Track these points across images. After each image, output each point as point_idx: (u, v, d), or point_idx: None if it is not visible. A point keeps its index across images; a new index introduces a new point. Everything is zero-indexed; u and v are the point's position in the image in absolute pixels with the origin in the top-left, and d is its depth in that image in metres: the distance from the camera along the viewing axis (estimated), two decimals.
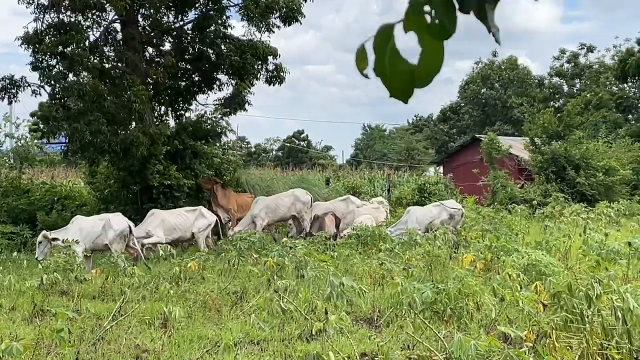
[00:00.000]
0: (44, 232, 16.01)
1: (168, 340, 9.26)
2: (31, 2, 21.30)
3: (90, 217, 17.14)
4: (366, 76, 2.03)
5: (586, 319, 7.42)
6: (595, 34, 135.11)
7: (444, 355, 7.37)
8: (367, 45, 2.01)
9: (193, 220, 17.89)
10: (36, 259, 15.07)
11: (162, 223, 17.40)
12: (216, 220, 18.68)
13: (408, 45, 2.04)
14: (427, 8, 1.98)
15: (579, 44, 74.62)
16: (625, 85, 55.67)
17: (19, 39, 20.82)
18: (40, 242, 15.44)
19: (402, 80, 2.02)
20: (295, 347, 8.72)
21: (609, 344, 7.27)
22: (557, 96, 71.74)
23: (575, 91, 70.06)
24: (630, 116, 53.05)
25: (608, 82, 63.82)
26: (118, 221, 16.80)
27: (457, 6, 2.01)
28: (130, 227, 16.76)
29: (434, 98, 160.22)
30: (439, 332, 8.47)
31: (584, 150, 34.86)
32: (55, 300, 11.92)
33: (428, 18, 1.98)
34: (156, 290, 12.51)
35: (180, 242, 18.63)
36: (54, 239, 15.41)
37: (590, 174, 34.02)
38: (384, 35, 2.00)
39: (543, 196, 31.25)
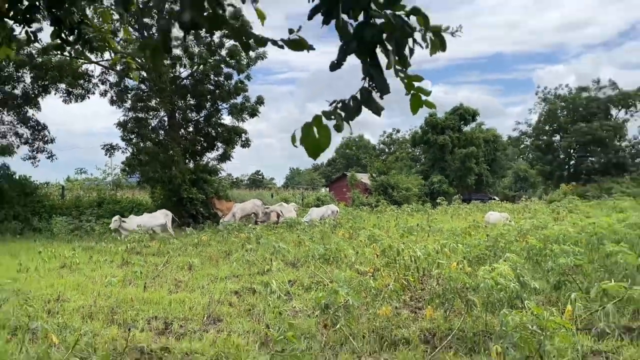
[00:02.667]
0: (116, 216, 15.43)
1: (192, 276, 9.06)
2: (120, 106, 21.01)
3: (146, 214, 16.63)
4: (296, 146, 2.16)
5: (397, 262, 7.58)
6: (401, 122, 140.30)
7: (329, 281, 7.41)
8: (296, 132, 2.15)
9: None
10: (119, 237, 14.38)
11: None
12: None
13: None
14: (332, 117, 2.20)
15: (392, 128, 76.93)
16: (415, 148, 56.69)
17: (115, 124, 20.59)
18: (115, 229, 14.93)
19: (315, 147, 2.16)
20: (255, 278, 8.62)
21: (408, 274, 7.44)
22: (383, 154, 72.74)
23: (391, 151, 71.49)
24: (417, 163, 52.89)
25: (407, 147, 65.49)
26: (163, 215, 16.40)
27: (343, 117, 2.23)
28: (169, 219, 16.33)
29: (324, 155, 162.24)
30: (327, 269, 8.53)
31: (396, 180, 35.82)
32: (133, 257, 11.54)
33: (327, 121, 2.17)
34: (185, 250, 12.27)
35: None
36: (123, 221, 15.12)
37: (399, 191, 34.94)
38: (308, 127, 2.14)
39: (377, 202, 31.78)
